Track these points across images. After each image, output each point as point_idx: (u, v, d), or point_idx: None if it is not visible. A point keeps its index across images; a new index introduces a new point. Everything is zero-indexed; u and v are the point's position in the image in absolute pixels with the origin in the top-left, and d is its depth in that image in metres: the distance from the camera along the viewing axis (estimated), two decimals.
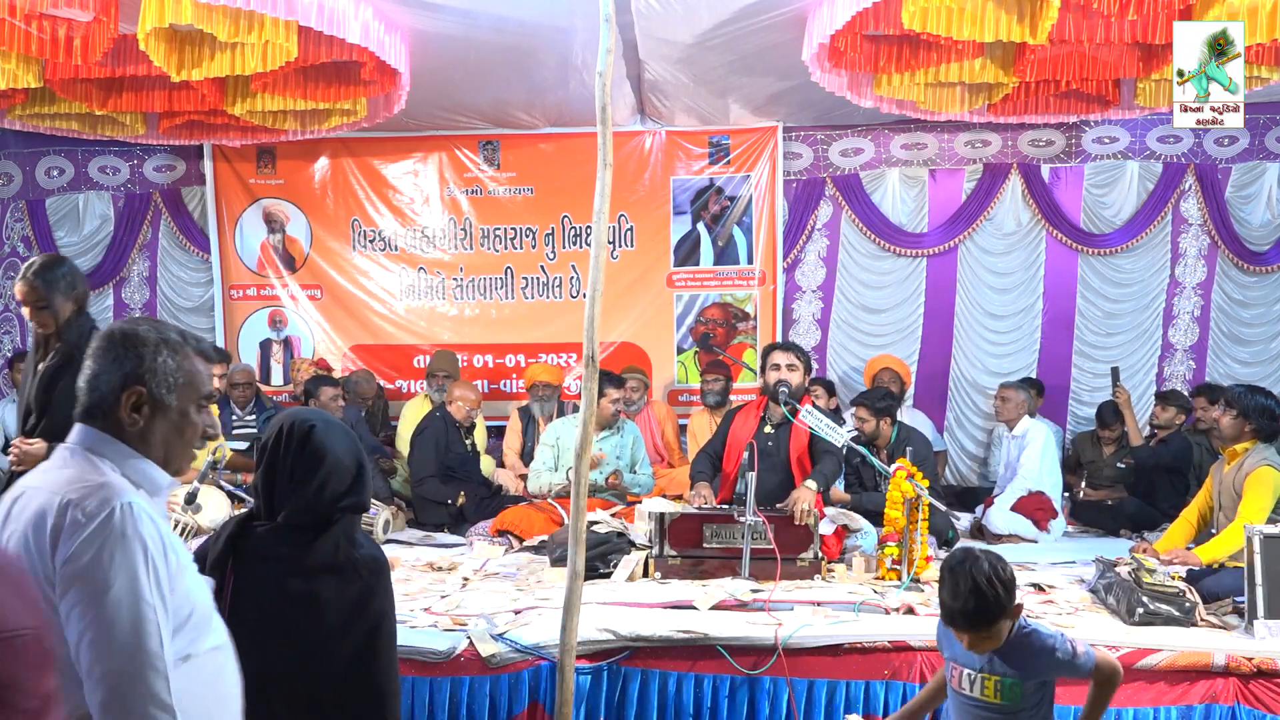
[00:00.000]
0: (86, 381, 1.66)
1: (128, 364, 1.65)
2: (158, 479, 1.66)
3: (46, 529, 1.51)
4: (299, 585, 2.07)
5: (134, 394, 1.64)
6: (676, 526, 4.36)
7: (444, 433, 5.99)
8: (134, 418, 1.64)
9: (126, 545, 1.49)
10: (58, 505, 1.51)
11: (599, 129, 2.99)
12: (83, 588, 1.48)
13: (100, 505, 1.51)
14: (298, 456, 2.13)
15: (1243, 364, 7.14)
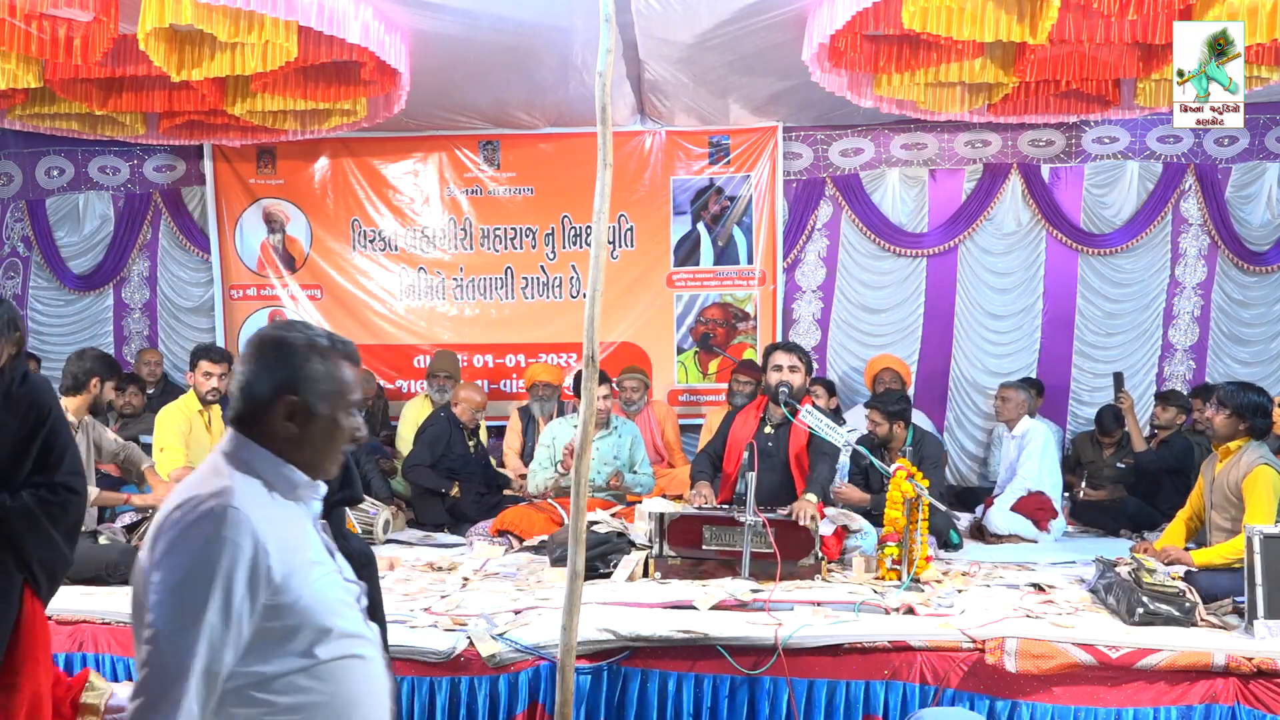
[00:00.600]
0: (239, 388, 1.66)
1: (280, 372, 1.65)
2: (295, 479, 1.66)
3: (157, 525, 1.55)
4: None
5: (287, 403, 1.64)
6: (676, 527, 4.36)
7: (446, 433, 5.99)
8: (287, 426, 1.64)
9: (208, 547, 1.49)
10: (173, 505, 1.55)
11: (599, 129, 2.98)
12: (160, 571, 1.50)
13: (199, 506, 1.52)
14: None
15: (1243, 364, 7.14)
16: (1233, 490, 4.19)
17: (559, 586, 3.63)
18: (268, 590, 1.52)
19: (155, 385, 7.09)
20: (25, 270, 7.72)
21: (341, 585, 1.67)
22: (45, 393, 2.88)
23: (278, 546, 1.54)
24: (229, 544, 1.49)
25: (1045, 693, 3.40)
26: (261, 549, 1.52)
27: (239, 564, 1.50)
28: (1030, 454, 5.70)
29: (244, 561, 1.50)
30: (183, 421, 5.23)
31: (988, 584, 4.31)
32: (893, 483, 4.25)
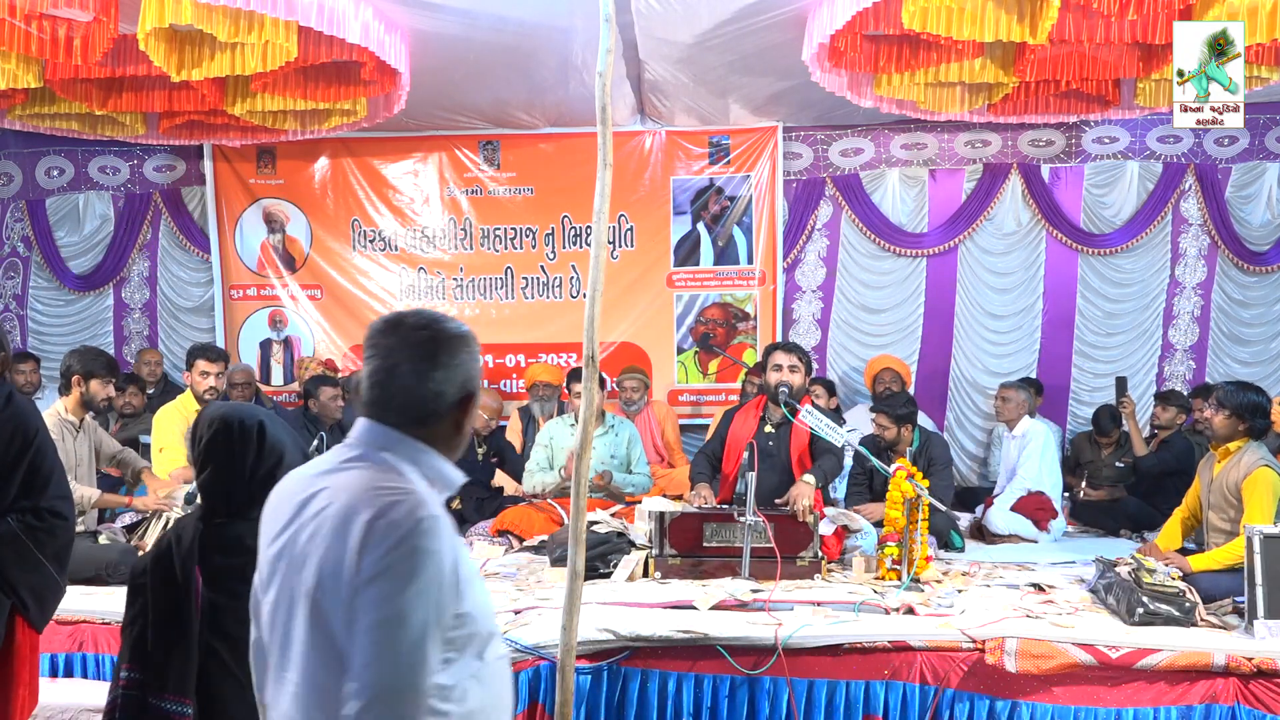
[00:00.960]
0: (404, 385, 1.58)
1: (466, 369, 1.61)
2: (451, 478, 1.65)
3: (351, 537, 1.46)
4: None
5: (468, 398, 1.62)
6: (676, 526, 4.36)
7: None
8: (460, 422, 1.62)
9: (427, 561, 1.45)
10: (366, 516, 1.47)
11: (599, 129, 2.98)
12: (376, 596, 1.43)
13: (407, 518, 1.47)
14: (257, 454, 2.15)
15: (1243, 364, 7.14)
16: (1232, 491, 4.18)
17: (559, 586, 3.62)
18: (458, 597, 1.50)
19: (155, 385, 7.09)
20: (25, 270, 7.72)
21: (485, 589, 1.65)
22: (30, 415, 2.85)
23: (461, 551, 1.53)
24: (435, 555, 1.46)
25: (1045, 693, 3.41)
26: (458, 555, 1.50)
27: (445, 574, 1.47)
28: (1030, 454, 5.70)
29: (448, 571, 1.48)
30: (181, 421, 5.23)
31: (988, 584, 4.31)
32: (893, 483, 4.25)
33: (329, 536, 1.49)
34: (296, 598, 1.53)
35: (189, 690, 2.03)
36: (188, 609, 2.06)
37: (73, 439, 4.49)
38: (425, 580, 1.44)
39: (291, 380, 7.47)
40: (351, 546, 1.46)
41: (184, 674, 2.04)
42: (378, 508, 1.47)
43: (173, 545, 2.13)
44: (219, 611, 2.07)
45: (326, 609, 1.48)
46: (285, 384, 7.49)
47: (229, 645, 2.06)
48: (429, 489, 1.57)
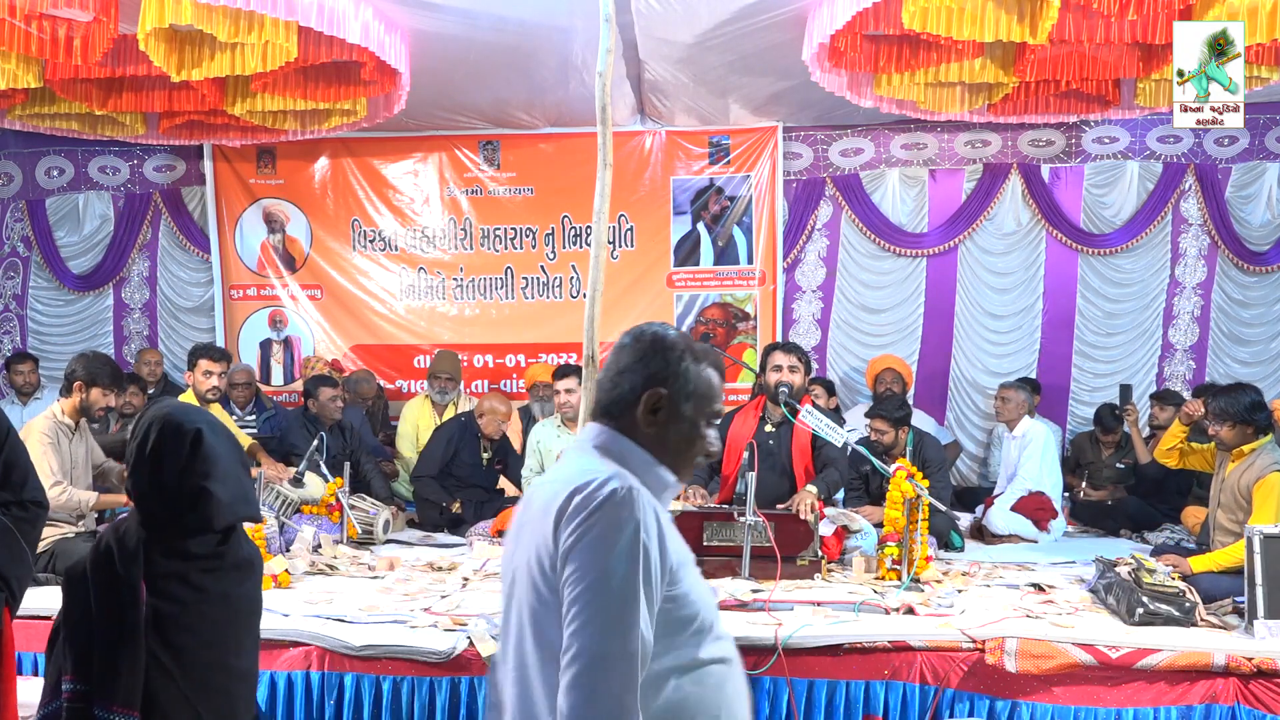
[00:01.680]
0: (609, 379, 1.67)
1: (654, 365, 1.64)
2: (665, 478, 1.65)
3: (553, 513, 1.51)
4: (214, 583, 2.09)
5: (655, 396, 1.63)
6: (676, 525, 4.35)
7: (460, 438, 5.92)
8: (650, 419, 1.63)
9: (624, 526, 1.47)
10: (566, 492, 1.51)
11: (599, 129, 2.99)
12: (578, 562, 1.47)
13: (603, 487, 1.50)
14: (189, 461, 2.08)
15: (1243, 364, 7.14)
16: (1243, 493, 4.17)
17: None
18: (667, 576, 1.51)
19: (155, 385, 7.09)
20: (25, 270, 7.72)
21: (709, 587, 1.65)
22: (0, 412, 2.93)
23: (668, 534, 1.54)
24: (639, 525, 1.47)
25: (1045, 693, 3.40)
26: (662, 534, 1.51)
27: (651, 544, 1.48)
28: (1030, 454, 5.70)
29: (654, 541, 1.49)
30: None
31: (988, 584, 4.31)
32: (893, 483, 4.25)
33: (536, 521, 1.55)
34: (515, 587, 1.58)
35: (136, 701, 1.96)
36: (133, 616, 1.98)
37: (68, 441, 4.48)
38: (625, 544, 1.46)
39: (292, 380, 7.47)
40: (551, 523, 1.51)
41: (131, 685, 1.96)
42: (576, 485, 1.52)
43: (114, 549, 2.04)
44: (163, 619, 2.01)
45: (535, 590, 1.52)
46: (285, 384, 7.49)
47: (172, 654, 2.01)
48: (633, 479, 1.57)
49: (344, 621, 3.68)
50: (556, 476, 1.60)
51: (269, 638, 3.58)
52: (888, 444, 5.30)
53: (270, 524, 4.61)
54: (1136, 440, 6.24)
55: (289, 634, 3.59)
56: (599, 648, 1.43)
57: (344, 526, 5.07)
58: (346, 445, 5.97)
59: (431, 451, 5.91)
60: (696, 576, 1.61)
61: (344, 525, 5.07)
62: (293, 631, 3.60)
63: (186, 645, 2.02)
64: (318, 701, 3.53)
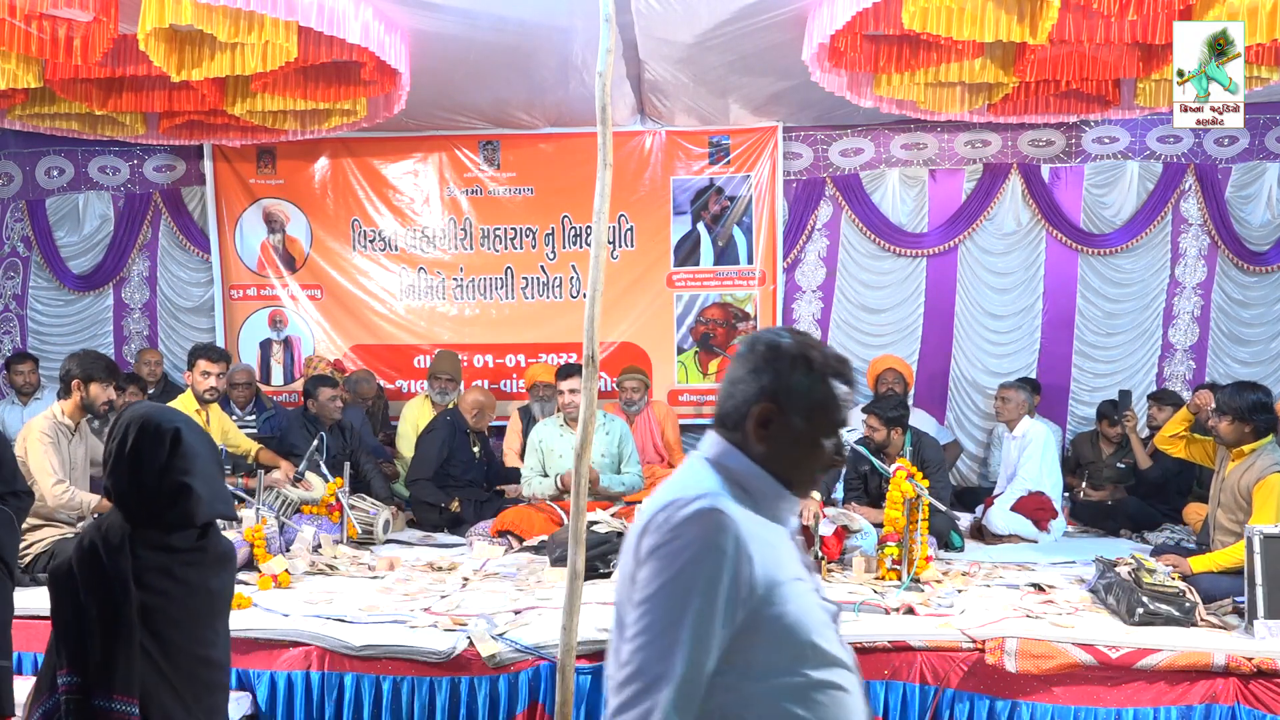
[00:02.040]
0: (725, 389, 1.61)
1: (764, 377, 1.57)
2: (780, 494, 1.58)
3: (639, 528, 1.50)
4: (196, 576, 2.16)
5: (765, 410, 1.56)
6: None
7: (450, 437, 5.95)
8: (761, 434, 1.56)
9: (697, 546, 1.43)
10: (658, 507, 1.49)
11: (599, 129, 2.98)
12: (645, 574, 1.45)
13: (687, 506, 1.46)
14: (167, 461, 2.14)
15: (1243, 364, 7.13)
16: (1243, 494, 4.17)
17: (559, 586, 3.62)
18: (751, 600, 1.44)
19: (155, 385, 7.09)
20: (25, 270, 7.72)
21: (821, 606, 1.57)
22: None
23: (761, 555, 1.46)
24: (714, 548, 1.42)
25: (1045, 693, 3.41)
26: (745, 555, 1.44)
27: (723, 569, 1.42)
28: (1030, 454, 5.70)
29: (728, 566, 1.42)
30: None
31: (988, 584, 4.31)
32: (893, 483, 4.25)
33: (632, 536, 1.52)
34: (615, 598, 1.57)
35: (134, 690, 2.02)
36: (126, 608, 2.03)
37: (68, 442, 4.48)
38: (694, 565, 1.42)
39: (292, 380, 7.47)
40: (635, 538, 1.50)
41: (129, 674, 2.02)
42: (666, 501, 1.49)
43: (98, 545, 2.09)
44: (149, 611, 2.06)
45: (621, 605, 1.51)
46: (285, 384, 7.49)
47: (160, 645, 2.06)
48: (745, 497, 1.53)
49: (344, 621, 3.68)
50: (661, 490, 1.56)
51: (269, 638, 3.59)
52: (879, 441, 5.30)
53: (270, 524, 4.61)
54: (1136, 445, 6.23)
55: (289, 634, 3.60)
56: (654, 668, 1.40)
57: (344, 526, 5.07)
58: (346, 445, 5.97)
59: (425, 454, 5.92)
60: (806, 597, 1.53)
61: (344, 525, 5.07)
62: (293, 631, 3.60)
63: (172, 637, 2.08)
64: (318, 701, 3.53)
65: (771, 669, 1.47)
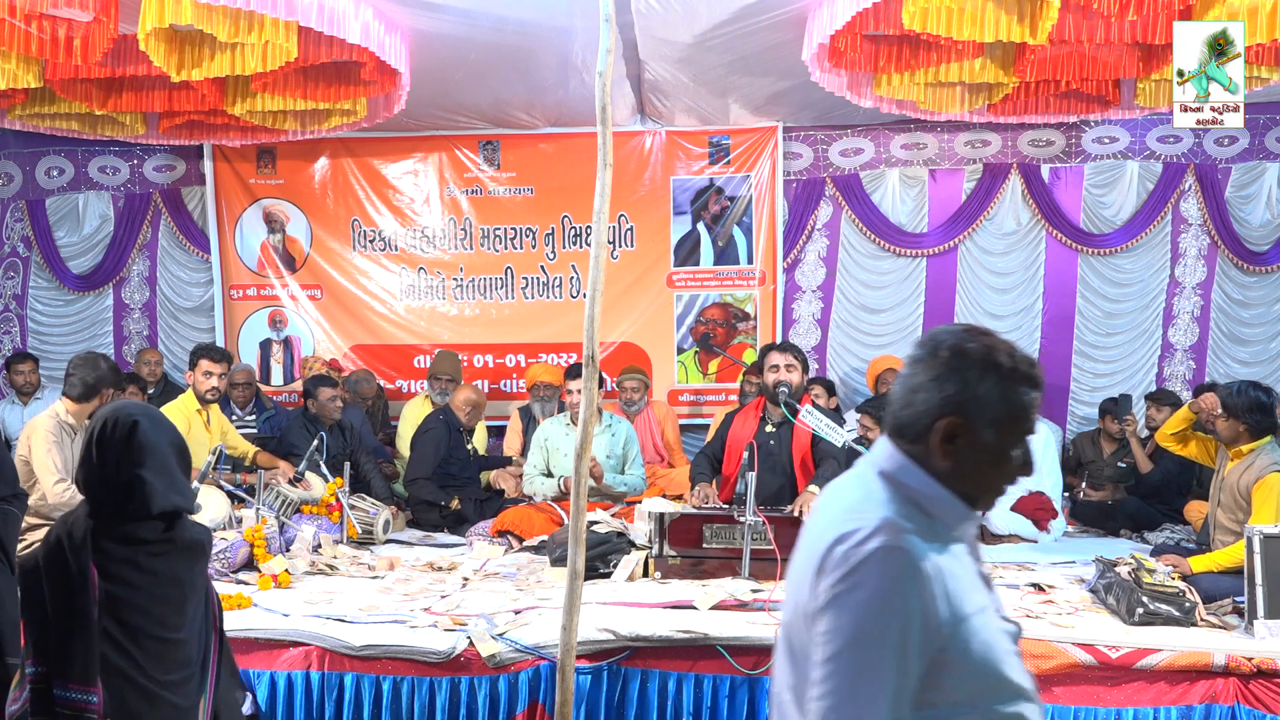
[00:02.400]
0: (903, 396, 1.49)
1: (950, 386, 1.44)
2: (960, 512, 1.47)
3: (815, 560, 1.40)
4: (163, 565, 2.22)
5: (952, 424, 1.44)
6: (676, 526, 4.36)
7: (445, 436, 5.96)
8: (946, 449, 1.45)
9: (882, 591, 1.34)
10: (832, 538, 1.39)
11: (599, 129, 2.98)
12: (828, 624, 1.36)
13: (867, 542, 1.36)
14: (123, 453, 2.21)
15: (1243, 364, 7.14)
16: (1242, 493, 4.16)
17: (559, 586, 3.63)
18: (938, 640, 1.36)
19: (155, 385, 7.09)
20: (25, 270, 7.72)
21: (1004, 631, 1.47)
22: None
23: (945, 589, 1.38)
24: (900, 594, 1.34)
25: (1045, 693, 3.40)
26: (931, 595, 1.36)
27: (912, 620, 1.34)
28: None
29: (916, 615, 1.34)
30: (181, 421, 5.23)
31: None
32: None
33: (805, 562, 1.45)
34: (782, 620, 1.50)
35: (93, 678, 2.10)
36: (84, 600, 2.11)
37: (70, 442, 4.49)
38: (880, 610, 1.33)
39: (292, 380, 7.47)
40: (813, 571, 1.40)
41: (87, 663, 2.10)
42: (841, 532, 1.39)
43: (63, 540, 2.17)
44: (115, 601, 2.14)
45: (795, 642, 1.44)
46: (285, 384, 7.49)
47: (128, 633, 2.14)
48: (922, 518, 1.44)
49: (344, 621, 3.68)
50: (832, 506, 1.48)
51: (269, 638, 3.59)
52: (874, 440, 5.28)
53: (270, 524, 4.61)
54: (1136, 449, 6.23)
55: (289, 634, 3.59)
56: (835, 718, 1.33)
57: (344, 526, 5.07)
58: (346, 445, 5.97)
59: (422, 453, 5.92)
60: (992, 626, 1.43)
61: (344, 525, 5.07)
62: (293, 631, 3.60)
63: (139, 624, 2.15)
64: (318, 701, 3.53)
65: (959, 707, 1.39)
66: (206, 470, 4.69)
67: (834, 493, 1.53)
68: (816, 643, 1.37)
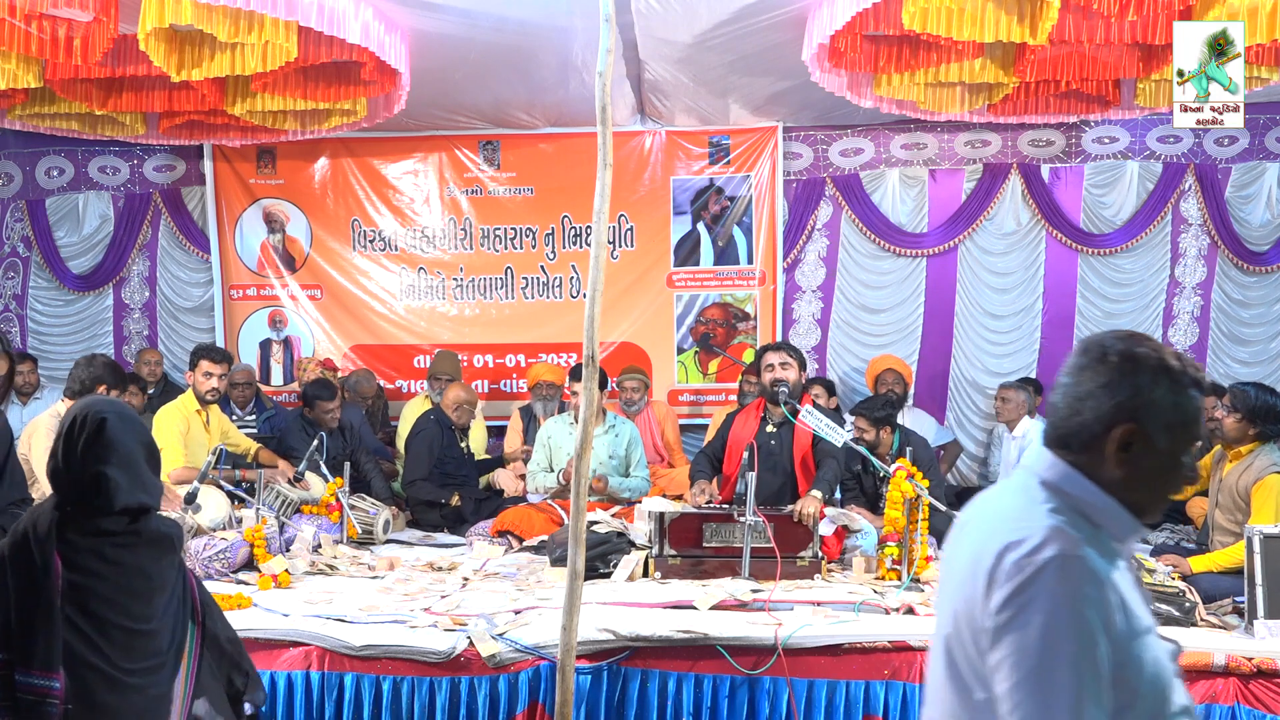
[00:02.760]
0: (1067, 404, 1.44)
1: (1122, 392, 1.40)
2: (1128, 524, 1.43)
3: (982, 574, 1.35)
4: (129, 557, 2.24)
5: (1127, 432, 1.39)
6: (676, 526, 4.36)
7: (439, 435, 5.95)
8: (1120, 457, 1.40)
9: (1065, 608, 1.28)
10: (997, 548, 1.34)
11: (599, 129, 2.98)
12: (1011, 645, 1.30)
13: (1039, 552, 1.31)
14: (88, 447, 2.24)
15: (1243, 364, 7.13)
16: (1241, 494, 4.16)
17: (559, 586, 3.62)
18: (1118, 655, 1.31)
19: (155, 385, 7.09)
20: (25, 270, 7.72)
21: (1166, 649, 1.44)
22: (4, 420, 3.19)
23: (1122, 601, 1.33)
24: (1083, 604, 1.29)
25: None
26: (1110, 606, 1.31)
27: (1097, 635, 1.29)
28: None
29: (1100, 631, 1.29)
30: (181, 421, 5.23)
31: None
32: (893, 483, 4.25)
33: (965, 572, 1.40)
34: (937, 632, 1.46)
35: (55, 665, 2.14)
36: (47, 590, 2.16)
37: None
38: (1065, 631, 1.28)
39: (291, 380, 7.47)
40: (981, 586, 1.35)
41: (49, 651, 2.14)
42: (1008, 541, 1.34)
43: (29, 532, 2.22)
44: (80, 591, 2.18)
45: (957, 653, 1.40)
46: (285, 384, 7.49)
47: (94, 623, 2.18)
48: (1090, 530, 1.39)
49: (344, 621, 3.68)
50: (989, 514, 1.44)
51: (269, 638, 3.59)
52: (869, 442, 5.27)
53: (270, 524, 4.61)
54: None
55: (289, 634, 3.59)
56: None
57: (344, 526, 5.07)
58: (346, 445, 5.97)
59: (417, 454, 5.91)
60: (1157, 646, 1.39)
61: (344, 525, 5.07)
62: (293, 631, 3.60)
63: (104, 614, 2.19)
64: (318, 701, 3.53)
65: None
66: (206, 470, 4.69)
67: (990, 501, 1.49)
68: (999, 668, 1.31)
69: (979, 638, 1.35)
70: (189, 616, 2.39)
